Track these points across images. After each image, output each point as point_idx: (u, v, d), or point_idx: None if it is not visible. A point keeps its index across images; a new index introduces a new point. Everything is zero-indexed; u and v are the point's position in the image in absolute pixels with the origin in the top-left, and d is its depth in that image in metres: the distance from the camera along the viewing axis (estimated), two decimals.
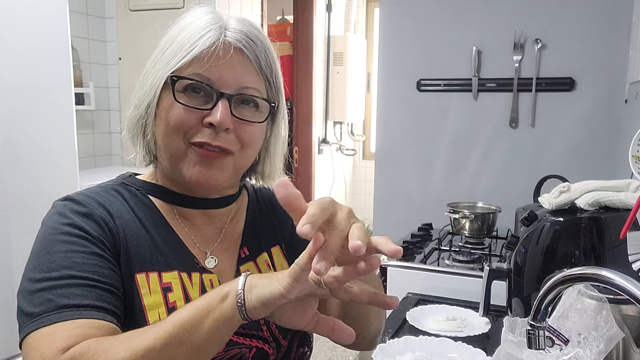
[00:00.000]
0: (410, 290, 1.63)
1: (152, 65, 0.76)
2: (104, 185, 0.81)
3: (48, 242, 0.68)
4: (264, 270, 0.84)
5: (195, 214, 0.81)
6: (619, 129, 1.93)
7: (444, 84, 2.16)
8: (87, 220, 0.70)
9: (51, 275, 0.65)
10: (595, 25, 1.94)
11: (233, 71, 0.73)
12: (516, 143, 2.09)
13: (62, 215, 0.71)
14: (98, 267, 0.67)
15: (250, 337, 0.76)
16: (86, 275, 0.65)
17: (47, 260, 0.66)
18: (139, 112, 0.77)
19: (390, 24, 2.23)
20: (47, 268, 0.66)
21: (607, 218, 1.07)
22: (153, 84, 0.75)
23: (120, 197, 0.77)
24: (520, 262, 1.17)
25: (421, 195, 2.24)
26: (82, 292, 0.64)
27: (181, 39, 0.73)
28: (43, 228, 0.72)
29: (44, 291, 0.65)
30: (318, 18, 3.69)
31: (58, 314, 0.62)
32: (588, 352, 0.83)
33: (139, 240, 0.73)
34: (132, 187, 0.80)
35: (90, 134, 2.73)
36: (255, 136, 0.78)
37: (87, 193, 0.76)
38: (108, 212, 0.73)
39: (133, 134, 0.79)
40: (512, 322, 0.90)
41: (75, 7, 2.56)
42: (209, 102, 0.73)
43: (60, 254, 0.66)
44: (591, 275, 0.69)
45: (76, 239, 0.68)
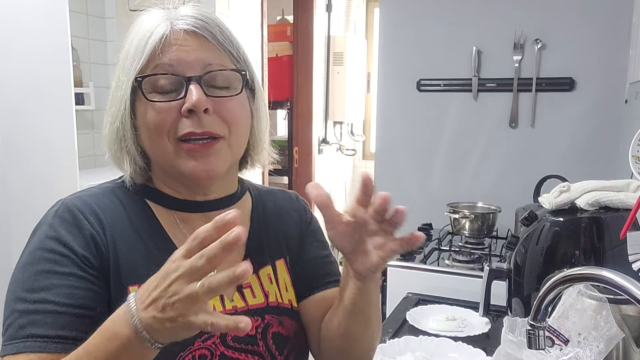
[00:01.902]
0: (410, 290, 1.63)
1: (117, 79, 0.75)
2: (104, 186, 0.80)
3: (34, 258, 0.69)
4: (265, 284, 0.81)
5: (196, 218, 0.78)
6: (619, 129, 1.93)
7: (444, 84, 2.16)
8: (75, 234, 0.70)
9: (28, 297, 0.66)
10: (595, 25, 1.94)
11: (192, 52, 0.72)
12: (516, 143, 2.09)
13: (52, 227, 0.70)
14: (74, 290, 0.67)
15: (246, 352, 0.75)
16: (59, 300, 0.66)
17: (31, 278, 0.68)
18: (115, 126, 0.75)
19: (390, 24, 2.23)
20: (29, 287, 0.67)
21: (607, 218, 1.07)
22: (122, 96, 0.73)
23: (118, 202, 0.76)
24: (520, 262, 1.17)
25: (421, 195, 2.24)
26: (49, 320, 0.65)
27: (135, 45, 0.73)
28: (34, 237, 0.72)
29: (19, 313, 0.66)
30: (318, 18, 3.68)
31: (23, 343, 0.64)
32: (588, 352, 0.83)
33: (132, 251, 0.72)
34: (132, 191, 0.78)
35: (90, 134, 2.73)
36: (238, 112, 0.75)
37: (84, 197, 0.75)
38: (100, 222, 0.72)
39: (114, 150, 0.77)
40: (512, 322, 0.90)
41: (75, 7, 2.55)
42: (181, 92, 0.71)
43: (40, 274, 0.67)
44: (591, 275, 0.69)
45: (58, 257, 0.68)
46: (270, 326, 0.79)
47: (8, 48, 1.50)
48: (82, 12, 2.65)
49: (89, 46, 2.69)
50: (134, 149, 0.75)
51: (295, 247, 0.88)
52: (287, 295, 0.84)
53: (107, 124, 0.76)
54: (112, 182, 0.82)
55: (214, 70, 0.73)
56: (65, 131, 1.74)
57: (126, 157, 0.76)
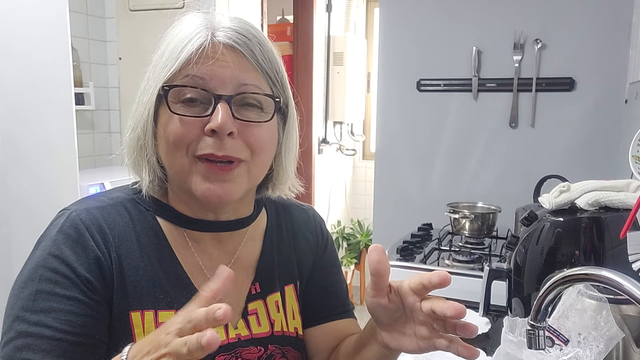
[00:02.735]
0: None
1: (146, 81, 0.71)
2: (115, 196, 0.75)
3: (36, 275, 0.66)
4: (272, 312, 0.79)
5: (206, 237, 0.76)
6: (619, 129, 1.93)
7: (444, 84, 2.16)
8: (79, 253, 0.67)
9: (27, 317, 0.64)
10: (595, 25, 1.94)
11: (228, 69, 0.67)
12: (516, 143, 2.09)
13: (55, 244, 0.67)
14: (73, 316, 0.65)
15: None
16: (57, 326, 0.64)
17: (31, 297, 0.65)
18: (136, 133, 0.71)
19: (390, 24, 2.23)
20: (28, 307, 0.65)
21: (607, 218, 1.07)
22: (147, 102, 0.70)
23: (128, 217, 0.72)
24: (520, 262, 1.17)
25: (421, 195, 2.24)
26: (46, 346, 0.63)
27: (170, 49, 0.69)
28: (38, 250, 0.69)
29: (16, 332, 0.64)
30: (318, 18, 3.68)
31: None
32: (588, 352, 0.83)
33: (137, 273, 0.69)
34: (142, 206, 0.74)
35: (90, 134, 2.73)
36: (264, 139, 0.71)
37: (92, 210, 0.71)
38: (106, 241, 0.69)
39: (134, 157, 0.73)
40: (512, 322, 0.90)
41: (75, 7, 2.56)
42: (208, 108, 0.67)
43: (41, 295, 0.65)
44: (591, 275, 0.69)
45: (60, 278, 0.66)
46: (273, 357, 0.77)
47: (8, 48, 1.50)
48: (82, 12, 2.65)
49: (89, 46, 2.69)
50: (154, 159, 0.72)
51: (307, 273, 0.85)
52: (294, 323, 0.82)
53: (129, 129, 0.72)
54: (124, 191, 0.77)
55: (246, 92, 0.69)
56: (65, 131, 1.74)
57: (146, 166, 0.72)
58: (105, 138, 2.81)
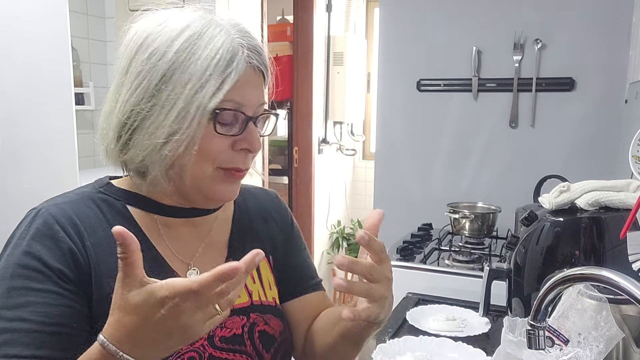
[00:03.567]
0: (410, 290, 1.63)
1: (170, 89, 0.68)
2: (81, 192, 0.77)
3: (8, 273, 0.67)
4: (248, 283, 0.82)
5: (180, 223, 0.78)
6: (619, 129, 1.93)
7: (444, 84, 2.16)
8: (51, 247, 0.68)
9: (5, 315, 0.64)
10: (595, 25, 1.94)
11: (254, 91, 0.73)
12: (516, 143, 2.09)
13: (26, 241, 0.68)
14: (50, 308, 0.65)
15: (234, 352, 0.76)
16: (35, 318, 0.64)
17: (5, 295, 0.66)
18: (175, 140, 0.69)
19: (390, 24, 2.23)
20: (3, 304, 0.65)
21: (607, 218, 1.07)
22: (192, 115, 0.68)
23: (97, 209, 0.74)
24: (520, 262, 1.17)
25: (421, 195, 2.24)
26: (24, 339, 0.63)
27: (204, 63, 0.68)
28: (8, 249, 0.69)
29: (2, 333, 0.64)
30: (318, 18, 3.68)
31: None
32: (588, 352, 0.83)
33: (112, 261, 0.67)
34: (111, 197, 0.76)
35: (90, 134, 2.73)
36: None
37: (61, 205, 0.73)
38: (79, 232, 0.70)
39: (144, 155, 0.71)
40: (512, 322, 0.90)
41: (75, 7, 2.55)
42: (236, 125, 0.72)
43: (15, 291, 0.65)
44: (591, 275, 0.69)
45: (34, 273, 0.66)
46: (256, 325, 0.80)
47: (8, 48, 1.50)
48: (82, 12, 2.65)
49: (89, 46, 2.69)
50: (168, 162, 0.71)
51: (280, 249, 0.90)
52: (271, 294, 0.86)
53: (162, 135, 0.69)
54: (88, 187, 0.79)
55: (263, 113, 0.76)
56: (65, 131, 1.73)
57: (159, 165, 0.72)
58: None
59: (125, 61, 0.73)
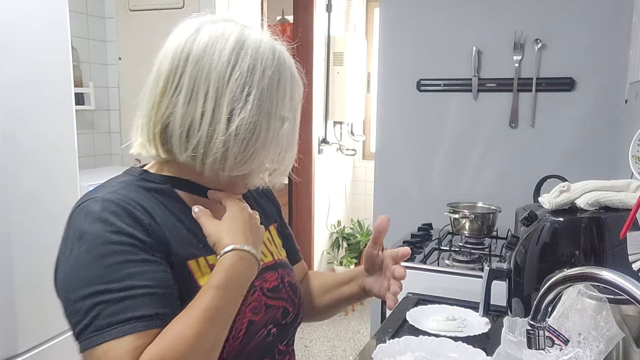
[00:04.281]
0: (410, 290, 1.63)
1: (256, 86, 0.78)
2: (122, 181, 0.81)
3: (100, 253, 0.70)
4: (269, 245, 0.96)
5: (209, 203, 0.85)
6: (619, 129, 1.93)
7: (444, 84, 2.16)
8: (132, 224, 0.73)
9: (112, 287, 0.68)
10: (595, 25, 1.94)
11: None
12: (516, 143, 2.09)
13: (106, 222, 0.72)
14: (153, 274, 0.71)
15: (278, 299, 0.89)
16: (145, 284, 0.70)
17: (105, 272, 0.69)
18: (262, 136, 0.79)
19: (390, 24, 2.23)
20: (107, 280, 0.69)
21: (607, 218, 1.07)
22: (289, 129, 0.83)
23: (146, 192, 0.80)
24: (520, 262, 1.17)
25: (421, 195, 2.24)
26: (143, 302, 0.69)
27: (289, 85, 0.82)
28: (86, 237, 0.72)
29: (107, 303, 0.68)
30: (318, 18, 3.69)
31: (122, 326, 0.67)
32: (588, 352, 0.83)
33: (178, 233, 0.78)
34: (156, 183, 0.82)
35: (90, 134, 2.73)
36: None
37: (118, 192, 0.77)
38: (146, 210, 0.76)
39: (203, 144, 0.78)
40: (512, 322, 0.90)
41: (75, 7, 2.56)
42: None
43: (116, 266, 0.70)
44: (591, 275, 0.69)
45: (128, 247, 0.71)
46: (284, 277, 0.93)
47: (8, 48, 1.50)
48: (82, 12, 2.65)
49: (89, 46, 2.69)
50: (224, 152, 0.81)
51: (278, 217, 1.06)
52: (283, 253, 1.01)
53: (250, 132, 0.78)
54: (125, 176, 0.84)
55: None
56: (65, 131, 1.74)
57: (210, 153, 0.78)
58: (105, 138, 2.81)
59: (223, 69, 0.77)
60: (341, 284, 1.04)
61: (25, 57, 1.57)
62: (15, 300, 1.53)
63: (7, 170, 1.51)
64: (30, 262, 1.59)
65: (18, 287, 1.54)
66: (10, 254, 1.53)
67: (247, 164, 0.80)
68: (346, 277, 1.04)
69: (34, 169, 1.61)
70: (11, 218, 1.53)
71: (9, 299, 1.52)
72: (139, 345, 0.66)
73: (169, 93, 0.77)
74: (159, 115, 0.79)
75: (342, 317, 3.83)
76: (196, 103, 0.76)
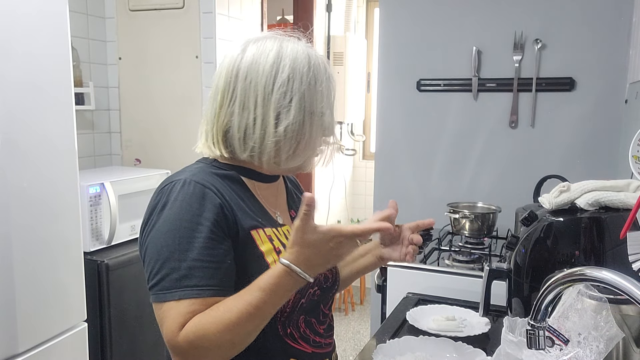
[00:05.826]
0: (410, 290, 1.63)
1: (299, 98, 0.92)
2: (199, 167, 0.97)
3: (174, 227, 0.87)
4: None
5: (264, 187, 1.02)
6: (619, 129, 1.93)
7: (444, 84, 2.16)
8: (205, 205, 0.89)
9: (178, 257, 0.85)
10: (595, 25, 1.94)
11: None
12: (516, 143, 2.09)
13: (183, 202, 0.88)
14: (211, 250, 0.86)
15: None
16: (203, 258, 0.85)
17: (174, 243, 0.86)
18: (309, 133, 0.95)
19: (390, 24, 2.23)
20: (175, 250, 0.86)
21: (607, 218, 1.07)
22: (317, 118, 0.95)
23: (217, 177, 0.95)
24: (520, 262, 1.17)
25: (421, 195, 2.24)
26: (199, 274, 0.85)
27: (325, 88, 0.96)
28: (167, 212, 0.88)
29: (172, 269, 0.85)
30: (318, 18, 3.69)
31: (180, 291, 0.84)
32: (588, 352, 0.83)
33: (242, 209, 0.94)
34: (224, 170, 0.97)
35: (90, 134, 2.73)
36: None
37: (198, 174, 0.93)
38: (219, 190, 0.91)
39: (258, 144, 0.94)
40: (512, 322, 0.90)
41: (75, 7, 2.56)
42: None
43: (185, 239, 0.86)
44: (591, 275, 0.69)
45: (196, 225, 0.87)
46: None
47: (8, 48, 1.50)
48: (82, 12, 2.65)
49: (89, 46, 2.69)
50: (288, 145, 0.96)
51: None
52: None
53: (297, 131, 0.93)
54: (199, 164, 0.99)
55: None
56: (65, 131, 1.74)
57: (265, 150, 0.95)
58: (105, 138, 2.81)
59: (262, 83, 0.93)
60: (356, 257, 1.17)
61: (26, 57, 1.57)
62: (15, 300, 1.53)
63: (7, 170, 1.51)
64: (30, 262, 1.59)
65: (18, 287, 1.54)
66: (10, 254, 1.52)
67: (299, 157, 0.96)
68: (361, 251, 1.17)
69: (34, 169, 1.61)
70: (11, 218, 1.53)
71: (9, 299, 1.52)
72: (192, 310, 0.83)
73: (226, 104, 0.94)
74: (219, 123, 0.95)
75: (342, 317, 3.83)
76: (248, 111, 0.92)
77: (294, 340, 0.98)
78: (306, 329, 1.00)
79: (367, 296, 4.16)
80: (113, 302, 2.11)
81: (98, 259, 2.09)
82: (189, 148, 1.12)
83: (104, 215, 2.17)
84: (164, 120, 2.69)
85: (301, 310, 0.98)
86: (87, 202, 2.09)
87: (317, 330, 1.03)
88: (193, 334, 0.82)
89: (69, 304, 1.77)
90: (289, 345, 0.97)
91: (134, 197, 2.29)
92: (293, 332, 0.97)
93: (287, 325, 0.96)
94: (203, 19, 2.56)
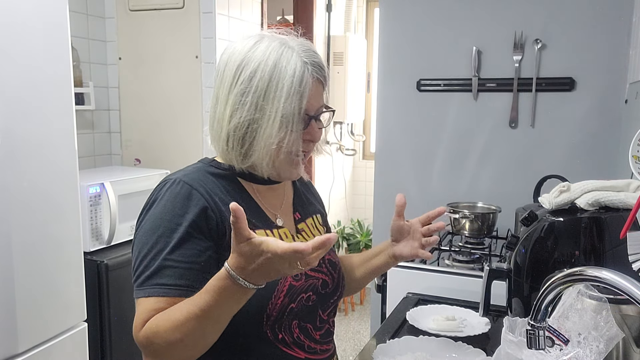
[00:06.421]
0: (410, 290, 1.63)
1: (256, 96, 0.92)
2: (196, 167, 1.00)
3: (156, 225, 0.90)
4: (312, 229, 1.11)
5: (264, 189, 1.04)
6: (619, 129, 1.93)
7: (444, 84, 2.16)
8: (194, 210, 0.90)
9: (153, 255, 0.88)
10: (595, 25, 1.94)
11: (317, 97, 0.97)
12: (516, 143, 2.09)
13: (167, 201, 0.91)
14: (185, 250, 0.88)
15: (317, 272, 1.03)
16: (175, 258, 0.87)
17: (152, 241, 0.89)
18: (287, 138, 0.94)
19: (390, 24, 2.23)
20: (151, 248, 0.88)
21: (607, 218, 1.07)
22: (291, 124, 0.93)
23: (213, 177, 0.97)
24: (520, 262, 1.17)
25: (421, 195, 2.24)
26: (168, 273, 0.87)
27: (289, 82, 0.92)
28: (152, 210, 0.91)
29: (146, 267, 0.87)
30: (318, 18, 3.69)
31: (149, 289, 0.86)
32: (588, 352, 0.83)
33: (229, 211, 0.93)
34: (221, 170, 0.99)
35: (90, 134, 2.73)
36: None
37: (190, 174, 0.95)
38: (208, 192, 0.93)
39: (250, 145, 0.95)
40: (512, 322, 0.90)
41: (75, 7, 2.56)
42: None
43: (162, 238, 0.88)
44: (591, 275, 0.69)
45: (175, 225, 0.89)
46: (325, 255, 1.06)
47: (8, 48, 1.50)
48: (82, 12, 2.65)
49: (89, 46, 2.69)
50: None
51: (321, 209, 1.21)
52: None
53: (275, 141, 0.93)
54: (198, 164, 1.01)
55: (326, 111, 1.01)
56: (65, 131, 1.74)
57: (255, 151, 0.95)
58: (104, 138, 2.81)
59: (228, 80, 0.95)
60: (370, 258, 1.20)
61: (25, 57, 1.57)
62: (15, 300, 1.53)
63: (7, 170, 1.51)
64: (30, 262, 1.59)
65: (18, 287, 1.54)
66: (10, 254, 1.52)
67: (253, 157, 0.95)
68: (374, 251, 1.20)
69: (34, 168, 1.61)
70: (11, 218, 1.53)
71: (9, 299, 1.52)
72: (156, 308, 0.85)
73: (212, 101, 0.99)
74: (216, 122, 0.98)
75: (342, 317, 3.83)
76: (217, 107, 0.96)
77: (286, 345, 0.96)
78: (300, 334, 0.99)
79: (367, 296, 4.16)
80: (113, 302, 2.11)
81: (98, 259, 2.09)
82: (188, 148, 1.12)
83: (104, 215, 2.17)
84: (164, 120, 2.69)
85: (292, 315, 0.96)
86: (87, 202, 2.09)
87: (313, 336, 1.01)
88: (150, 330, 0.84)
89: (68, 304, 1.77)
90: (280, 351, 0.95)
91: (134, 197, 2.29)
92: (285, 337, 0.96)
93: (278, 330, 0.95)
94: (203, 19, 2.56)
